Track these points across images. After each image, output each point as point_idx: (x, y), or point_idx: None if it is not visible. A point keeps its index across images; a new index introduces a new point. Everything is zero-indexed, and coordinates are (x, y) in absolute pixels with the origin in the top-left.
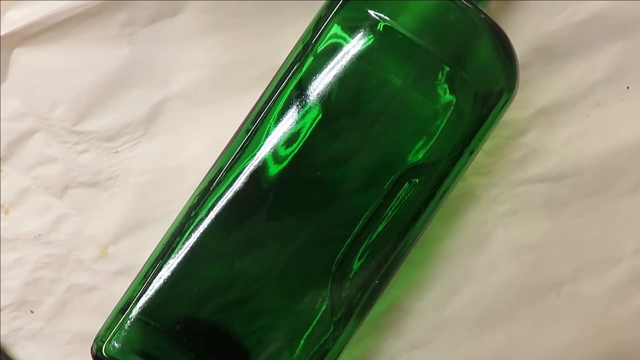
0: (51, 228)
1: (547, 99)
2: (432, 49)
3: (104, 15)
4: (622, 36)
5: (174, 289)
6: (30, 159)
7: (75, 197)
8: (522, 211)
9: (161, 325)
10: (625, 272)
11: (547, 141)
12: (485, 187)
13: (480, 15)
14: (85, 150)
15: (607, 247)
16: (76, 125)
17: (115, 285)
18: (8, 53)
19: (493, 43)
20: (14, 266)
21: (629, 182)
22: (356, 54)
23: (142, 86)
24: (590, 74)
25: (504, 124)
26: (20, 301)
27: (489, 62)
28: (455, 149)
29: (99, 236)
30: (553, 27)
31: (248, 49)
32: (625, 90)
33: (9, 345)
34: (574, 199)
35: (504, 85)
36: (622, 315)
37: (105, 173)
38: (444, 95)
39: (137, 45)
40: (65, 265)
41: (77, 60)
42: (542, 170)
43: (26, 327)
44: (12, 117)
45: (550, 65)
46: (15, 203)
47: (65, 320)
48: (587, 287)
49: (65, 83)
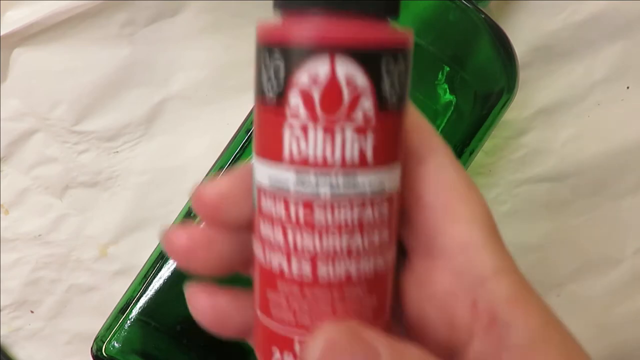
0: (51, 228)
1: (547, 99)
2: (432, 49)
3: (104, 15)
4: (622, 36)
5: (174, 289)
6: (30, 159)
7: (75, 197)
8: (522, 211)
9: (161, 325)
10: (625, 272)
11: (547, 141)
12: (485, 187)
13: (480, 15)
14: (85, 150)
15: (608, 247)
16: (76, 125)
17: (115, 285)
18: (8, 53)
19: (493, 43)
20: (14, 266)
21: (629, 182)
22: None
23: (142, 86)
24: (590, 74)
25: (504, 124)
26: (20, 301)
27: (489, 62)
28: (455, 149)
29: (99, 236)
30: (553, 27)
31: (248, 49)
32: (625, 90)
33: (9, 345)
34: (574, 199)
35: (504, 85)
36: (622, 315)
37: (105, 173)
38: (444, 95)
39: (137, 45)
40: (65, 265)
41: (77, 60)
42: (542, 170)
43: (26, 327)
44: (12, 117)
45: (550, 65)
46: (15, 203)
47: (65, 320)
48: (587, 287)
49: (65, 83)
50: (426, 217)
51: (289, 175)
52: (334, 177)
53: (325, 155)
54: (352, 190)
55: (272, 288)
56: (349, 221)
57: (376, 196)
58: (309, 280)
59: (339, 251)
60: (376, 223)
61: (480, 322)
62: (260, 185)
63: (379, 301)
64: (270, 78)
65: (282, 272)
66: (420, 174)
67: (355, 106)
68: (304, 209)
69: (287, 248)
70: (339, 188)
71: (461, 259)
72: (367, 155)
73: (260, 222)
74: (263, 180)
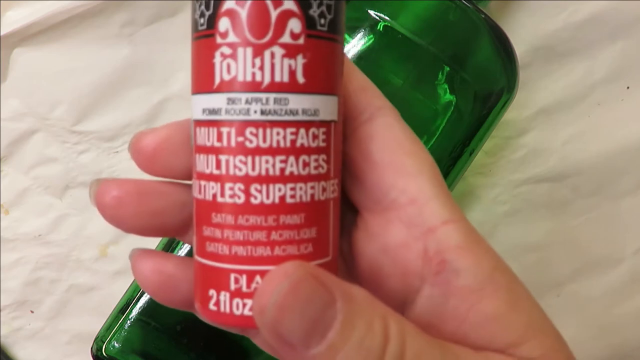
0: (51, 228)
1: (547, 99)
2: (432, 49)
3: (104, 15)
4: (622, 36)
5: None
6: (30, 159)
7: (75, 197)
8: (522, 211)
9: (161, 325)
10: (625, 272)
11: (547, 141)
12: (485, 187)
13: (480, 15)
14: (85, 150)
15: (608, 247)
16: (76, 125)
17: (115, 285)
18: (8, 53)
19: (493, 43)
20: (14, 266)
21: (629, 182)
22: (356, 54)
23: (142, 86)
24: (590, 74)
25: (504, 124)
26: (20, 301)
27: (489, 62)
28: (455, 148)
29: (99, 236)
30: (553, 27)
31: None
32: (625, 90)
33: (9, 345)
34: (574, 199)
35: (504, 85)
36: (622, 315)
37: (105, 173)
38: (444, 95)
39: (137, 46)
40: (65, 265)
41: (77, 60)
42: (542, 170)
43: (26, 327)
44: (12, 117)
45: (550, 65)
46: (15, 203)
47: (65, 320)
48: (587, 287)
49: (65, 83)
50: (376, 174)
51: (220, 102)
52: (264, 99)
53: (255, 77)
54: (284, 112)
55: (207, 222)
56: (282, 144)
57: (311, 121)
58: (242, 206)
59: (272, 175)
60: (312, 149)
61: (430, 268)
62: (196, 119)
63: (320, 235)
64: (203, 10)
65: (216, 201)
66: (367, 133)
67: (284, 27)
68: (236, 133)
69: (220, 175)
70: (270, 111)
71: (411, 210)
72: (297, 77)
73: (196, 158)
74: (197, 114)
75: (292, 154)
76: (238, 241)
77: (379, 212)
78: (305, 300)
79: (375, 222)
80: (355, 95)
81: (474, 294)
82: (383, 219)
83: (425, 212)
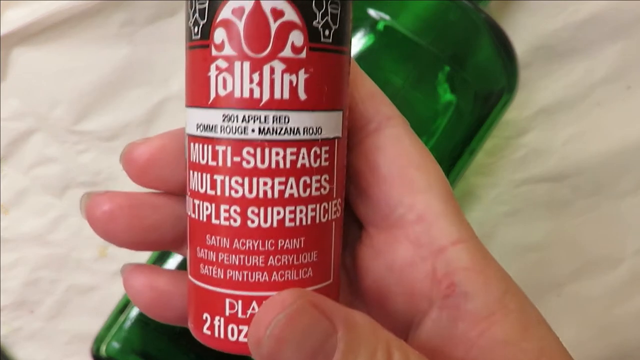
0: (51, 228)
1: (547, 99)
2: (432, 49)
3: (103, 15)
4: (622, 36)
5: None
6: (30, 159)
7: (75, 197)
8: (522, 211)
9: (161, 325)
10: (625, 272)
11: (547, 141)
12: (485, 187)
13: (481, 15)
14: (85, 150)
15: (608, 247)
16: (76, 125)
17: (115, 285)
18: (8, 53)
19: (493, 43)
20: (14, 266)
21: (629, 182)
22: (356, 54)
23: (142, 86)
24: (590, 74)
25: (504, 124)
26: (20, 301)
27: (489, 62)
28: (455, 148)
29: (99, 236)
30: (553, 27)
31: None
32: (626, 90)
33: (9, 345)
34: (575, 199)
35: (504, 85)
36: (622, 315)
37: (105, 173)
38: (444, 95)
39: (136, 45)
40: (65, 265)
41: (77, 60)
42: (542, 170)
43: (26, 327)
44: (12, 117)
45: (550, 65)
46: (15, 203)
47: (65, 320)
48: (587, 287)
49: (65, 83)
50: (383, 188)
51: (216, 118)
52: (263, 117)
53: (253, 93)
54: (284, 131)
55: (202, 244)
56: (282, 165)
57: (313, 140)
58: (238, 230)
59: (270, 197)
60: (313, 169)
61: (439, 291)
62: (190, 134)
63: (321, 258)
64: (197, 18)
65: (210, 222)
66: (375, 144)
67: (285, 40)
68: (232, 152)
69: (215, 196)
70: (269, 129)
71: (419, 228)
72: (299, 93)
73: (190, 175)
74: (191, 129)
75: (292, 175)
76: (234, 265)
77: (386, 229)
78: (304, 332)
79: (382, 239)
80: (363, 104)
81: (484, 319)
82: (390, 235)
83: (433, 231)
